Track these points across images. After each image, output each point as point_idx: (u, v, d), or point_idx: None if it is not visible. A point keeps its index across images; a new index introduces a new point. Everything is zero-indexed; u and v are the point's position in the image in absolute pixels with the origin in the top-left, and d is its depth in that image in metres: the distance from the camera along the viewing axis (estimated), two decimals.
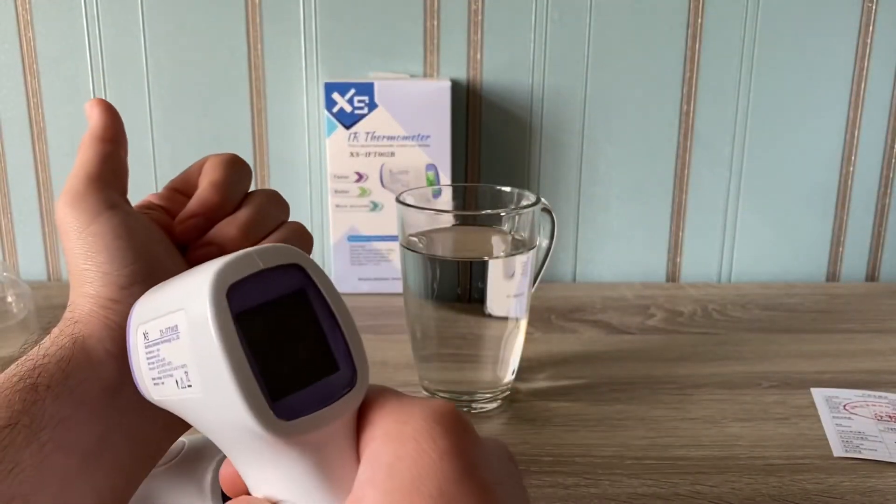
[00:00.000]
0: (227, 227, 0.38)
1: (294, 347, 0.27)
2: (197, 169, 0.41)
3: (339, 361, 0.28)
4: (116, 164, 0.37)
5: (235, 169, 0.40)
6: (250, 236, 0.38)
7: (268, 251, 0.28)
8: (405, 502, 0.24)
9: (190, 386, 0.27)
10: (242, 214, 0.39)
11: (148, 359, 0.29)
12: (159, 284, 0.30)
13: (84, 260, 0.34)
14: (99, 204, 0.35)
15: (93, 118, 0.38)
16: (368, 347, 0.28)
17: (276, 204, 0.41)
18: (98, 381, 0.32)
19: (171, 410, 0.29)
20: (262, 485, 0.28)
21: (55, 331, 0.33)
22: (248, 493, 0.28)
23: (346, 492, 0.26)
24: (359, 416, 0.28)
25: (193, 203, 0.38)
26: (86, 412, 0.31)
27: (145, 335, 0.29)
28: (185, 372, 0.27)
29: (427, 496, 0.24)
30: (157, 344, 0.28)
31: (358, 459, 0.27)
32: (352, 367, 0.28)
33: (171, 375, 0.28)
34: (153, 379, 0.28)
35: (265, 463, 0.27)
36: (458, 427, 0.26)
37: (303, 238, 0.41)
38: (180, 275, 0.29)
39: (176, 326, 0.27)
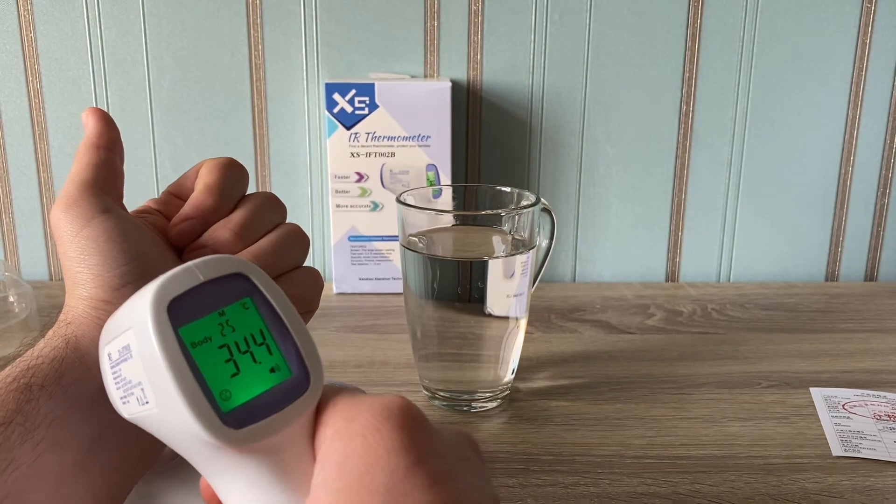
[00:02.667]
0: (221, 230, 0.38)
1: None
2: (193, 173, 0.41)
3: (291, 366, 0.28)
4: (111, 171, 0.38)
5: (230, 172, 0.40)
6: (244, 238, 0.38)
7: (208, 263, 0.28)
8: (354, 500, 0.24)
9: (147, 402, 0.27)
10: (236, 217, 0.39)
11: (114, 379, 0.29)
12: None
13: (77, 263, 0.34)
14: (92, 208, 0.35)
15: (88, 126, 0.38)
16: (369, 347, 0.29)
17: (271, 206, 0.41)
18: (91, 381, 0.32)
19: (143, 427, 0.29)
20: (230, 495, 0.28)
21: (49, 333, 0.34)
22: None
23: (308, 495, 0.26)
24: (315, 417, 0.28)
25: (187, 206, 0.39)
26: (80, 411, 0.31)
27: (109, 356, 0.29)
28: (142, 389, 0.27)
29: (375, 492, 0.24)
30: (119, 364, 0.28)
31: None
32: (304, 370, 0.28)
33: (133, 393, 0.28)
34: (121, 398, 0.29)
35: (228, 473, 0.27)
36: (407, 420, 0.26)
37: (299, 239, 0.41)
38: (133, 295, 0.29)
39: (129, 345, 0.27)
